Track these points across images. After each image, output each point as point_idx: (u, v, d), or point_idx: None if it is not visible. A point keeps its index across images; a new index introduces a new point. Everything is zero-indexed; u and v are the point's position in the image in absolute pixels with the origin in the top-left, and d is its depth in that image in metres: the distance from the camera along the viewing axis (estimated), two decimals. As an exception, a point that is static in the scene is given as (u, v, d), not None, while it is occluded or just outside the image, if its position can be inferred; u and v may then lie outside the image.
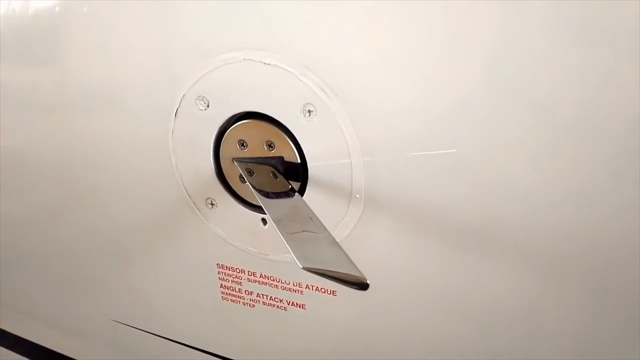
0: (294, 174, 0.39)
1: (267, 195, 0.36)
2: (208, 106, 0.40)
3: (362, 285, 0.25)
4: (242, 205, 0.43)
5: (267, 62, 0.36)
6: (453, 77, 0.31)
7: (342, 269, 0.26)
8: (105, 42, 0.42)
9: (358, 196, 0.37)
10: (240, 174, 0.41)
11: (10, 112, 0.51)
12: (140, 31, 0.40)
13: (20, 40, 0.46)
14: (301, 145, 0.38)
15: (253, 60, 0.36)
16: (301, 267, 0.26)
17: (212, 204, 0.44)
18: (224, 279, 0.48)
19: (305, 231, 0.31)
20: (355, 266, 0.26)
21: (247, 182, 0.39)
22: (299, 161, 0.39)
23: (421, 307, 0.41)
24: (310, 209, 0.34)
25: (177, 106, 0.41)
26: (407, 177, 0.36)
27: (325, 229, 0.31)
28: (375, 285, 0.41)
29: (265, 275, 0.45)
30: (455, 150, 0.34)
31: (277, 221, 0.31)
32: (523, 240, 0.34)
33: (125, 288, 0.56)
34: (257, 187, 0.37)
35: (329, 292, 0.43)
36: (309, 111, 0.36)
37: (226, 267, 0.47)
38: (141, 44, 0.40)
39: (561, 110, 0.30)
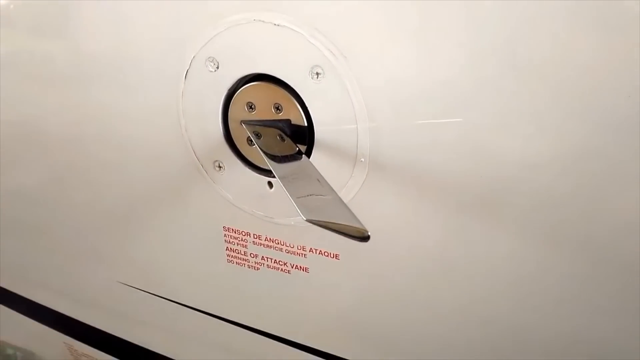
0: (300, 137, 0.39)
1: (274, 157, 0.36)
2: (218, 67, 0.40)
3: (363, 237, 0.26)
4: (249, 168, 0.43)
5: (277, 23, 0.36)
6: (461, 43, 0.31)
7: (344, 221, 0.26)
8: (113, 6, 0.42)
9: (363, 160, 0.38)
10: (248, 137, 0.42)
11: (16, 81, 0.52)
12: None
13: (25, 9, 0.47)
14: (308, 108, 0.38)
15: (263, 21, 0.37)
16: (304, 218, 0.27)
17: (219, 167, 0.45)
18: (229, 242, 0.49)
19: (312, 192, 0.31)
20: (357, 219, 0.27)
21: (255, 145, 0.40)
22: (305, 124, 0.39)
23: (423, 271, 0.41)
24: (317, 171, 0.35)
25: (188, 67, 0.41)
26: (412, 143, 0.36)
27: (333, 190, 0.32)
28: (378, 248, 0.42)
29: (270, 239, 0.46)
30: (460, 119, 0.34)
31: (283, 178, 0.31)
32: (526, 206, 0.34)
33: (133, 250, 0.57)
34: (265, 150, 0.38)
35: (332, 256, 0.44)
36: (317, 74, 0.36)
37: (232, 229, 0.48)
38: (151, 6, 0.40)
39: (566, 76, 0.30)
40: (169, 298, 0.58)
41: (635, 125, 0.29)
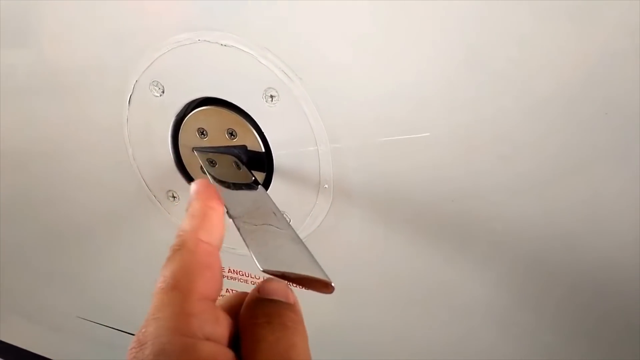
0: (258, 164, 0.36)
1: (228, 187, 0.33)
2: (163, 92, 0.37)
3: (327, 287, 0.23)
4: (205, 198, 0.40)
5: (223, 43, 0.33)
6: (420, 60, 0.29)
7: (306, 271, 0.24)
8: (55, 26, 0.38)
9: (327, 186, 0.35)
10: (201, 165, 0.39)
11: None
12: (86, 12, 0.36)
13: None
14: (264, 133, 0.35)
15: (208, 41, 0.33)
16: (261, 269, 0.24)
17: (173, 197, 0.41)
18: (191, 274, 0.46)
19: (267, 225, 0.28)
20: (320, 267, 0.24)
21: (214, 172, 0.37)
22: (263, 150, 0.36)
23: (392, 299, 0.39)
24: (273, 203, 0.32)
25: (131, 92, 0.38)
26: (377, 165, 0.33)
27: (289, 225, 0.29)
28: (347, 278, 0.39)
29: (234, 270, 0.43)
30: (428, 133, 0.31)
31: (236, 217, 0.28)
32: (498, 229, 0.32)
33: (89, 282, 0.53)
34: (217, 179, 0.34)
35: (299, 287, 0.41)
36: (271, 96, 0.34)
37: (192, 261, 0.45)
38: (88, 25, 0.37)
39: (535, 93, 0.28)
40: (124, 330, 0.55)
41: (612, 141, 0.27)
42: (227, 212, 0.29)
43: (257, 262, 0.24)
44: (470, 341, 0.39)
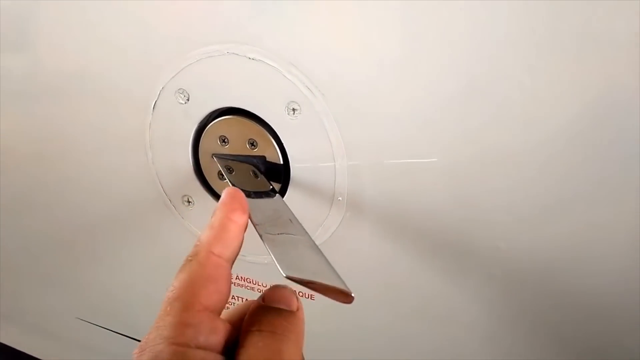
0: (275, 175, 0.38)
1: (247, 194, 0.34)
2: (188, 100, 0.38)
3: (347, 298, 0.24)
4: (220, 204, 0.41)
5: (251, 57, 0.35)
6: (441, 83, 0.30)
7: (327, 280, 0.25)
8: (82, 28, 0.40)
9: (340, 199, 0.36)
10: (219, 171, 0.40)
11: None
12: (120, 19, 0.38)
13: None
14: (284, 145, 0.37)
15: (237, 54, 0.35)
16: (284, 275, 0.25)
17: (188, 202, 0.43)
18: (198, 279, 0.46)
19: (285, 234, 0.29)
20: (340, 277, 0.25)
21: (226, 180, 0.38)
22: (281, 162, 0.37)
23: (399, 311, 0.40)
24: (290, 211, 0.33)
25: (156, 99, 0.39)
26: (390, 183, 0.35)
27: (306, 232, 0.30)
28: (354, 288, 0.40)
29: (242, 277, 0.44)
30: (435, 159, 0.33)
31: (258, 224, 0.29)
32: (502, 247, 0.34)
33: (93, 285, 0.54)
34: (236, 186, 0.36)
35: (307, 296, 0.42)
36: (293, 109, 0.35)
37: (201, 267, 0.46)
38: (120, 32, 0.38)
39: (544, 119, 0.29)
40: (129, 335, 0.55)
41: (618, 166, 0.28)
42: (250, 219, 0.31)
43: (280, 269, 0.25)
44: (464, 354, 0.40)
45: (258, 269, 0.43)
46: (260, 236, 0.28)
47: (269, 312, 0.24)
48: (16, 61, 0.45)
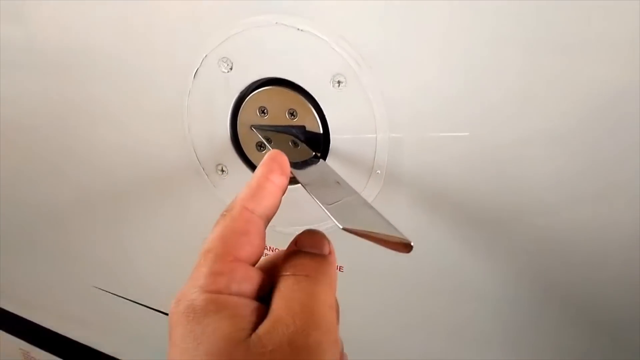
0: (314, 145, 0.39)
1: (293, 165, 0.35)
2: (231, 69, 0.39)
3: (407, 247, 0.25)
4: (255, 174, 0.42)
5: (300, 28, 0.35)
6: (488, 57, 0.32)
7: (385, 230, 0.26)
8: None
9: (379, 172, 0.38)
10: (257, 142, 0.41)
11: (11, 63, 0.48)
12: None
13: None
14: (326, 116, 0.37)
15: (286, 25, 0.36)
16: (341, 227, 0.26)
17: (222, 171, 0.43)
18: (224, 249, 0.47)
19: (337, 190, 0.30)
20: (396, 228, 0.26)
21: (265, 150, 0.39)
22: (321, 132, 0.38)
23: (422, 285, 0.41)
24: (337, 174, 0.34)
25: (198, 66, 0.40)
26: (430, 157, 0.36)
27: (356, 191, 0.31)
28: (386, 262, 0.41)
29: (270, 248, 0.45)
30: (482, 133, 0.34)
31: (307, 184, 0.30)
32: (540, 226, 0.35)
33: (117, 254, 0.54)
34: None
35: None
36: (339, 82, 0.36)
37: (229, 236, 0.46)
38: (166, -3, 0.39)
39: (579, 99, 0.30)
40: (153, 307, 0.56)
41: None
42: (299, 181, 0.32)
43: (336, 222, 0.26)
44: (491, 331, 0.41)
45: (287, 240, 0.44)
46: (311, 195, 0.29)
47: (302, 257, 0.25)
48: (46, 31, 0.45)
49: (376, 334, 0.46)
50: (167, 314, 0.54)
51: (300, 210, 0.41)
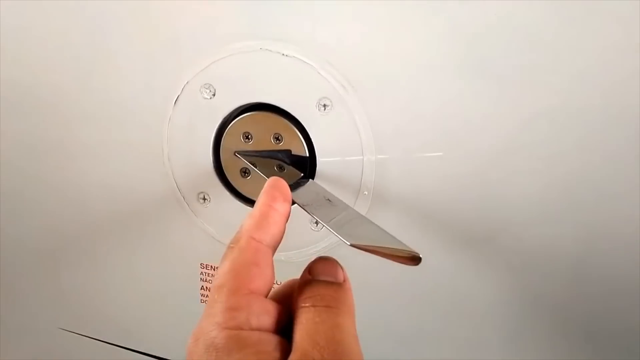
0: (300, 168, 0.39)
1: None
2: (214, 95, 0.39)
3: (415, 259, 0.25)
4: (239, 201, 0.41)
5: (285, 53, 0.36)
6: (473, 80, 0.33)
7: (392, 245, 0.26)
8: (106, 18, 0.39)
9: (366, 193, 0.38)
10: (242, 168, 0.40)
11: None
12: (148, 10, 0.38)
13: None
14: (312, 139, 0.38)
15: (270, 51, 0.36)
16: (349, 244, 0.26)
17: (204, 199, 0.42)
18: (206, 280, 0.46)
19: (333, 208, 0.31)
20: (401, 241, 0.26)
21: (249, 177, 0.39)
22: (307, 155, 0.38)
23: (410, 300, 0.41)
24: (327, 191, 0.34)
25: (179, 93, 0.39)
26: (416, 177, 0.37)
27: (349, 206, 0.31)
28: (375, 284, 0.41)
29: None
30: (469, 154, 0.35)
31: (305, 205, 0.30)
32: (524, 239, 0.36)
33: (84, 290, 0.52)
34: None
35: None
36: (325, 105, 0.36)
37: (210, 266, 0.45)
38: (146, 23, 0.38)
39: (562, 117, 0.32)
40: (129, 347, 0.53)
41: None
42: (297, 203, 0.31)
43: (344, 240, 0.26)
44: (476, 349, 0.41)
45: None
46: (313, 215, 0.29)
47: (319, 286, 0.24)
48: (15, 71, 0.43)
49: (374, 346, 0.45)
50: (151, 356, 0.52)
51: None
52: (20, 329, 0.57)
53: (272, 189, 0.27)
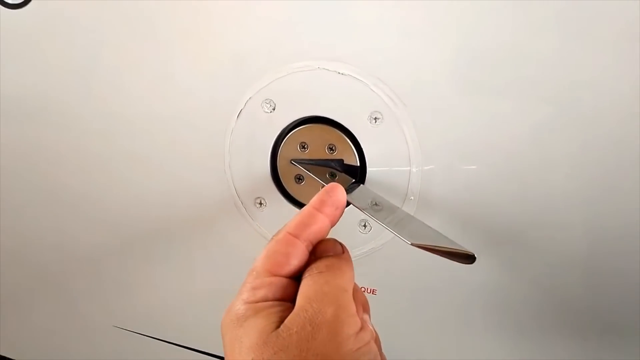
0: (351, 176, 0.42)
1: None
2: (274, 109, 0.43)
3: (470, 257, 0.29)
4: (294, 206, 0.45)
5: (341, 72, 0.40)
6: (516, 96, 0.37)
7: (448, 244, 0.29)
8: (172, 30, 0.43)
9: (412, 198, 0.41)
10: (296, 175, 0.44)
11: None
12: (218, 28, 0.42)
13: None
14: (363, 149, 0.41)
15: (327, 70, 0.40)
16: (409, 243, 0.29)
17: (260, 204, 0.46)
18: (258, 280, 0.49)
19: (387, 209, 0.34)
20: (454, 241, 0.30)
21: (303, 183, 0.43)
22: (358, 164, 0.42)
23: (459, 308, 0.44)
24: (377, 194, 0.38)
25: (242, 108, 0.44)
26: (460, 184, 0.40)
27: (398, 207, 0.35)
28: (418, 284, 0.44)
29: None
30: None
31: (364, 208, 0.34)
32: (559, 240, 0.39)
33: (148, 290, 0.56)
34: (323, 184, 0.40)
35: (369, 291, 0.46)
36: (376, 118, 0.40)
37: (263, 267, 0.49)
38: (216, 40, 0.42)
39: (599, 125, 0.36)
40: (182, 344, 0.56)
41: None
42: (355, 206, 0.35)
43: (405, 239, 0.30)
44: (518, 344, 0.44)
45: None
46: (372, 217, 0.33)
47: (318, 261, 0.29)
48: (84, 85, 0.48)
49: (411, 352, 0.48)
50: (206, 354, 0.55)
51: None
52: (78, 327, 0.61)
53: (324, 192, 0.31)
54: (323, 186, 0.40)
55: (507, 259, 0.41)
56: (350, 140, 0.42)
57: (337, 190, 0.31)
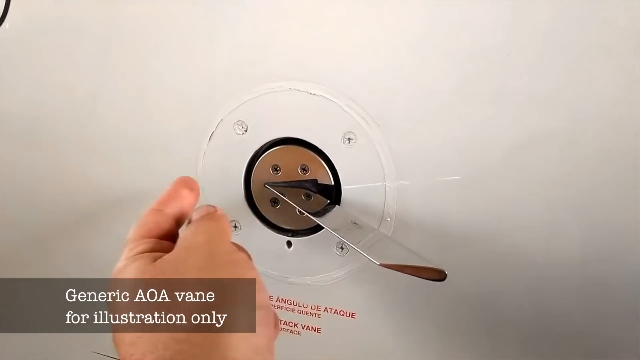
0: (326, 195, 0.42)
1: (316, 214, 0.38)
2: (246, 131, 0.42)
3: (440, 273, 0.28)
4: (269, 228, 0.44)
5: (313, 93, 0.39)
6: (491, 116, 0.37)
7: (418, 262, 0.29)
8: (144, 51, 0.43)
9: (389, 219, 0.41)
10: (271, 198, 0.43)
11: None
12: (189, 50, 0.42)
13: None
14: (337, 169, 0.41)
15: (299, 90, 0.40)
16: (378, 263, 0.29)
17: (235, 227, 0.45)
18: (235, 305, 0.48)
19: (359, 230, 0.34)
20: (425, 258, 0.29)
21: (279, 206, 0.42)
22: (332, 183, 0.41)
23: (442, 330, 0.43)
24: (352, 215, 0.37)
25: (213, 130, 0.43)
26: (435, 201, 0.40)
27: (375, 228, 0.34)
28: (398, 305, 0.44)
29: (282, 299, 0.46)
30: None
31: (336, 229, 0.33)
32: (539, 262, 0.39)
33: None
34: (307, 211, 0.39)
35: (347, 315, 0.45)
36: (349, 139, 0.40)
37: (239, 292, 0.48)
38: (187, 62, 0.42)
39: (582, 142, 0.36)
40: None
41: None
42: (326, 228, 0.34)
43: (373, 260, 0.29)
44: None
45: (299, 290, 0.46)
46: (342, 238, 0.32)
47: (196, 214, 0.32)
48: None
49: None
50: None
51: (309, 262, 0.43)
52: (58, 353, 0.59)
53: (181, 179, 0.33)
54: (299, 210, 0.40)
55: (486, 281, 0.41)
56: (324, 160, 0.41)
57: (189, 179, 0.33)
